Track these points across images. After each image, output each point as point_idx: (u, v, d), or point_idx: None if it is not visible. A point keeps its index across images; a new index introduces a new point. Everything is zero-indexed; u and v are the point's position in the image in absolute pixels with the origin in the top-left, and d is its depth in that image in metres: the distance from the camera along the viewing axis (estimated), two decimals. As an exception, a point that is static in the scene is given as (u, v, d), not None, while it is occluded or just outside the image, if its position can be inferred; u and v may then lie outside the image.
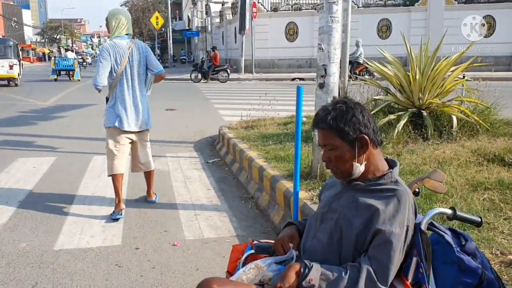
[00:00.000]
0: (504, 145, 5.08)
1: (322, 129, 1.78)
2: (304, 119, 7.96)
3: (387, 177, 1.79)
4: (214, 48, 24.14)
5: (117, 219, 4.41)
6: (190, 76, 22.99)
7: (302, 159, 5.13)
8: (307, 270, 1.63)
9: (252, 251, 2.02)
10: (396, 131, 5.65)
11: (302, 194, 4.07)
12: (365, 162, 1.79)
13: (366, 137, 1.77)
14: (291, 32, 25.58)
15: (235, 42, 28.78)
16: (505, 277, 2.61)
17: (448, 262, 1.73)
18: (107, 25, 4.58)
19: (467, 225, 3.20)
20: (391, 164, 1.87)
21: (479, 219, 1.87)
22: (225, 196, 5.21)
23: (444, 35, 7.17)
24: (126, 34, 4.53)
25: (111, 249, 3.77)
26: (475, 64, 6.58)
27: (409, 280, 1.69)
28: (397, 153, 5.15)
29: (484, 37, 21.05)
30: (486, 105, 6.20)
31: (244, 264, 1.97)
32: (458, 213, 1.83)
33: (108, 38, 4.90)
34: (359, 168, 1.78)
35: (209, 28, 40.49)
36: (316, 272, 1.63)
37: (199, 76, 22.78)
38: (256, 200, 5.01)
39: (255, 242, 2.08)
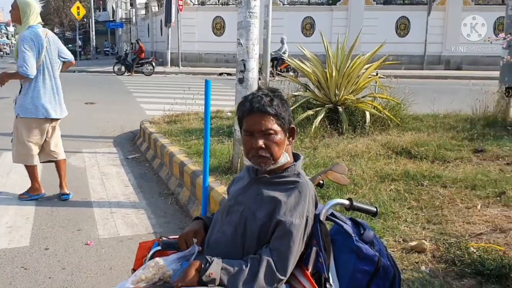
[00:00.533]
0: (411, 138, 5.42)
1: (264, 114, 1.75)
2: (229, 113, 7.99)
3: (290, 170, 1.84)
4: (138, 41, 23.46)
5: (36, 199, 4.62)
6: (113, 68, 22.19)
7: (223, 154, 5.16)
8: (207, 265, 1.64)
9: (159, 248, 1.99)
10: (313, 126, 5.84)
11: (222, 189, 4.08)
12: (287, 153, 1.83)
13: (295, 128, 1.86)
14: (218, 27, 25.52)
15: (161, 34, 28.18)
16: (406, 262, 2.79)
17: (347, 251, 1.81)
18: (17, 13, 4.45)
19: (386, 214, 3.40)
20: (296, 157, 1.91)
21: (375, 209, 1.97)
22: (144, 192, 5.09)
23: (359, 34, 7.49)
24: (39, 23, 4.52)
25: (18, 251, 3.55)
26: (387, 62, 6.96)
27: (309, 270, 1.75)
28: (313, 147, 5.32)
29: (399, 36, 22.31)
30: (397, 101, 6.58)
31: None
32: (355, 203, 1.92)
33: (15, 26, 4.79)
34: (285, 157, 1.82)
35: (134, 20, 39.29)
36: (216, 266, 1.63)
37: (123, 68, 22.05)
38: (176, 196, 4.95)
39: (163, 238, 2.05)
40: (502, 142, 5.10)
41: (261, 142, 1.75)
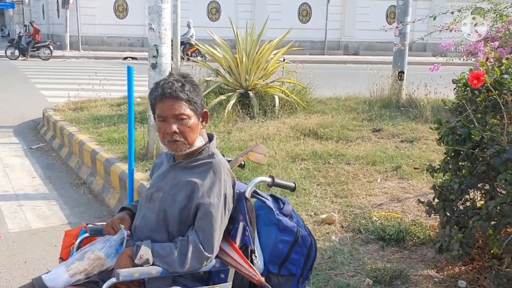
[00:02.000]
0: (317, 121, 5.79)
1: (176, 99, 1.77)
2: (138, 99, 7.83)
3: (204, 152, 1.90)
4: (32, 23, 21.77)
5: None
6: (6, 52, 20.38)
7: (137, 140, 5.10)
8: (137, 249, 1.70)
9: (87, 234, 2.01)
10: (226, 111, 5.97)
11: (139, 175, 4.07)
12: (201, 136, 1.89)
13: (208, 112, 1.92)
14: (121, 9, 24.49)
15: (58, 16, 26.36)
16: (318, 233, 3.06)
17: (270, 224, 1.98)
18: None
19: (298, 191, 3.64)
20: (210, 138, 1.97)
21: (293, 185, 2.17)
22: (53, 183, 4.89)
23: (267, 20, 7.72)
24: None
25: None
26: (293, 48, 7.28)
27: (237, 244, 1.88)
28: (227, 131, 5.47)
29: (301, 23, 23.15)
30: (303, 85, 6.93)
31: (78, 248, 1.96)
32: (277, 180, 2.09)
33: None
34: (200, 140, 1.87)
35: (27, 0, 36.24)
36: (146, 249, 1.71)
37: (16, 52, 20.34)
38: (89, 185, 4.83)
39: (90, 225, 2.06)
40: (397, 121, 5.64)
41: (174, 127, 1.77)
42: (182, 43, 17.15)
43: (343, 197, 3.62)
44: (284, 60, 7.14)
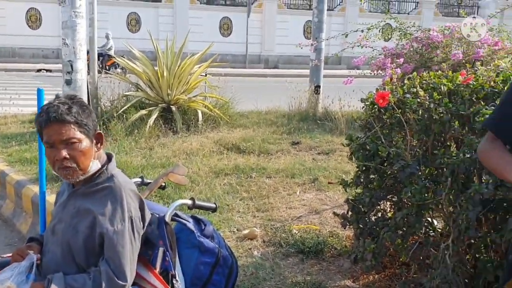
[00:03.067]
0: (240, 135, 5.87)
1: (63, 123, 1.68)
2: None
3: (103, 175, 1.80)
4: None
5: None
6: None
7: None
8: (49, 283, 1.63)
9: (-8, 268, 1.88)
10: (148, 126, 5.87)
11: (53, 198, 3.87)
12: (97, 160, 1.80)
13: (102, 133, 1.84)
14: (33, 19, 23.18)
15: (-40, 25, 24.38)
16: (240, 250, 3.10)
17: (191, 246, 1.98)
18: None
19: (221, 207, 3.64)
20: (109, 157, 1.89)
21: (214, 205, 2.19)
22: (-44, 208, 4.51)
23: (188, 34, 7.73)
24: None
25: None
26: (215, 63, 7.33)
27: (157, 269, 1.86)
28: (149, 147, 5.37)
29: (223, 36, 23.34)
30: (225, 99, 7.00)
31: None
32: (197, 202, 2.10)
33: None
34: (96, 164, 1.78)
35: None
36: (59, 282, 1.63)
37: None
38: (-3, 209, 4.51)
39: (-5, 258, 1.93)
40: (314, 134, 5.88)
41: (64, 153, 1.68)
42: (100, 55, 16.61)
43: (265, 211, 3.70)
44: (205, 75, 7.17)
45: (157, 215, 1.95)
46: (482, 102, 2.27)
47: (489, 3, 22.94)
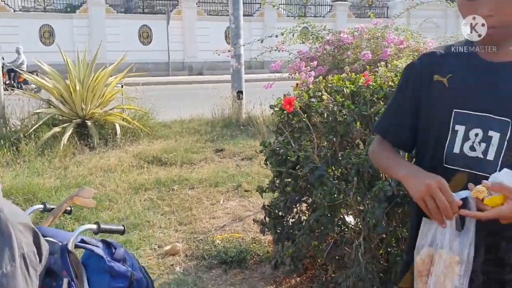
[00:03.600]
0: (161, 146, 5.74)
1: None
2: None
3: None
4: None
5: None
6: None
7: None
8: None
9: None
10: (62, 144, 5.56)
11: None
12: None
13: None
14: None
15: None
16: (162, 267, 3.00)
17: (101, 272, 1.87)
18: None
19: (142, 225, 3.51)
20: None
21: (122, 228, 2.08)
22: None
23: (100, 45, 7.43)
24: None
25: None
26: (131, 74, 7.11)
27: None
28: (64, 167, 5.09)
29: (143, 45, 22.85)
30: (145, 110, 6.82)
31: None
32: (103, 226, 1.98)
33: None
34: None
35: None
36: None
37: None
38: None
39: None
40: (237, 140, 5.88)
41: None
42: (11, 70, 15.64)
43: (187, 223, 3.62)
44: (122, 86, 6.94)
45: (60, 243, 1.83)
46: (382, 102, 2.36)
47: (397, 4, 24.36)
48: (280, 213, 2.60)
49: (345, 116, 2.38)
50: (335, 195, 2.27)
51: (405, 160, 1.30)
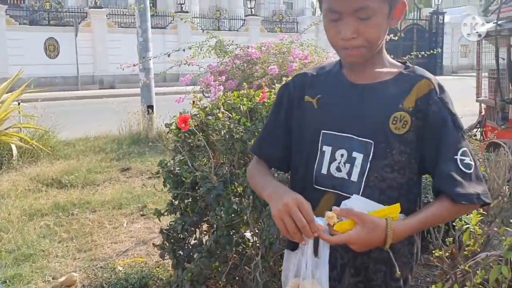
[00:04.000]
0: (62, 167, 5.37)
1: None
2: None
3: None
4: None
5: None
6: None
7: None
8: None
9: None
10: None
11: None
12: None
13: None
14: None
15: None
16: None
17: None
18: None
19: (35, 255, 3.21)
20: None
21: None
22: None
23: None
24: None
25: None
26: (31, 90, 6.64)
27: None
28: None
29: (49, 58, 21.58)
30: (45, 129, 6.38)
31: None
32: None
33: None
34: None
35: None
36: None
37: None
38: None
39: None
40: (145, 158, 5.68)
41: None
42: None
43: (87, 250, 3.39)
44: (19, 103, 6.45)
45: None
46: (277, 119, 2.37)
47: (306, 19, 25.36)
48: (180, 236, 2.50)
49: (242, 134, 2.35)
50: (233, 215, 2.22)
51: (274, 180, 1.28)
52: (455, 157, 1.11)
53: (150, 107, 7.88)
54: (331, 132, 1.18)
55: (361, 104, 1.16)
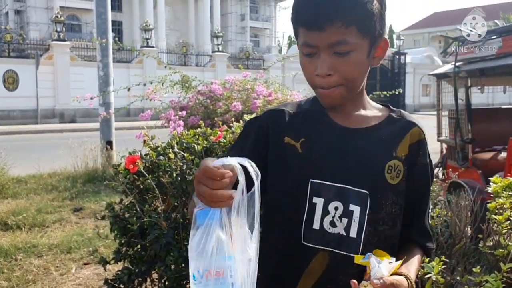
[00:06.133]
0: (9, 207, 5.03)
1: None
2: None
3: None
4: None
5: None
6: None
7: None
8: None
9: None
10: None
11: None
12: None
13: None
14: None
15: None
16: None
17: None
18: None
19: None
20: None
21: None
22: None
23: None
24: None
25: None
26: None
27: None
28: None
29: (8, 90, 20.94)
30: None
31: None
32: None
33: None
34: None
35: None
36: None
37: None
38: None
39: None
40: (100, 197, 5.39)
41: None
42: None
43: (27, 301, 3.09)
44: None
45: None
46: (232, 160, 2.23)
47: (272, 57, 25.80)
48: (127, 287, 2.28)
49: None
50: (183, 265, 2.04)
51: None
52: (428, 210, 1.13)
53: (109, 143, 7.61)
54: (321, 181, 1.02)
55: (354, 151, 1.04)
